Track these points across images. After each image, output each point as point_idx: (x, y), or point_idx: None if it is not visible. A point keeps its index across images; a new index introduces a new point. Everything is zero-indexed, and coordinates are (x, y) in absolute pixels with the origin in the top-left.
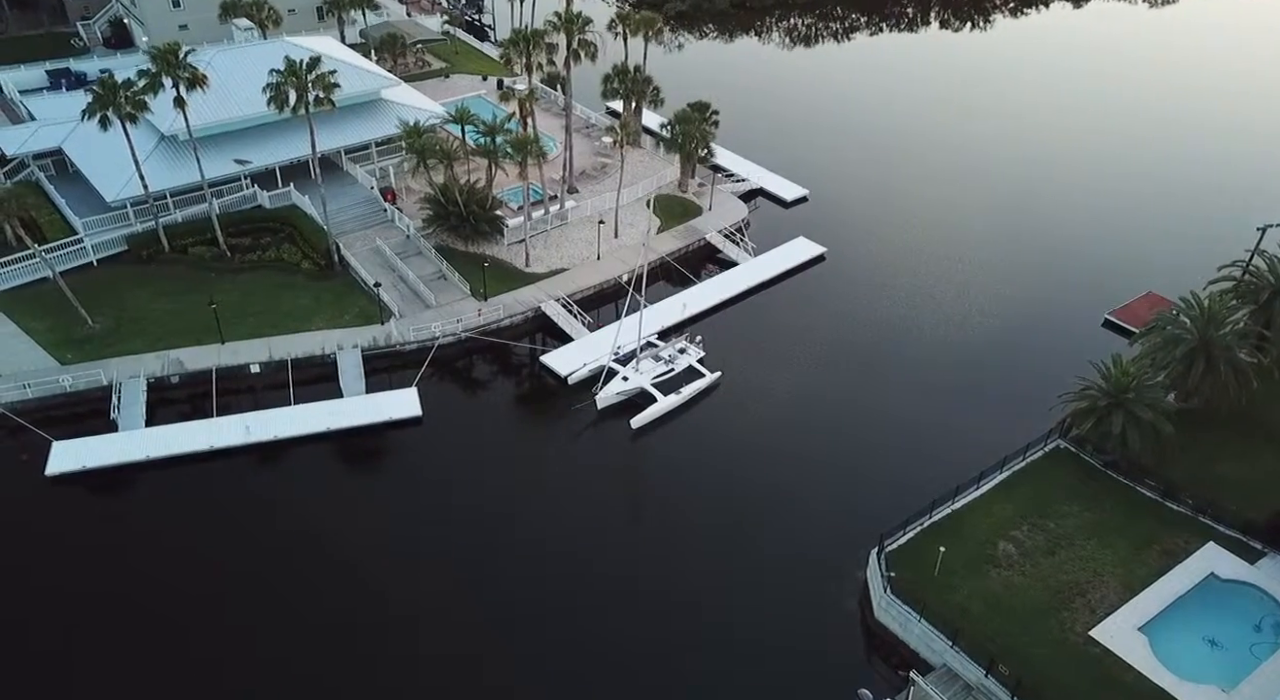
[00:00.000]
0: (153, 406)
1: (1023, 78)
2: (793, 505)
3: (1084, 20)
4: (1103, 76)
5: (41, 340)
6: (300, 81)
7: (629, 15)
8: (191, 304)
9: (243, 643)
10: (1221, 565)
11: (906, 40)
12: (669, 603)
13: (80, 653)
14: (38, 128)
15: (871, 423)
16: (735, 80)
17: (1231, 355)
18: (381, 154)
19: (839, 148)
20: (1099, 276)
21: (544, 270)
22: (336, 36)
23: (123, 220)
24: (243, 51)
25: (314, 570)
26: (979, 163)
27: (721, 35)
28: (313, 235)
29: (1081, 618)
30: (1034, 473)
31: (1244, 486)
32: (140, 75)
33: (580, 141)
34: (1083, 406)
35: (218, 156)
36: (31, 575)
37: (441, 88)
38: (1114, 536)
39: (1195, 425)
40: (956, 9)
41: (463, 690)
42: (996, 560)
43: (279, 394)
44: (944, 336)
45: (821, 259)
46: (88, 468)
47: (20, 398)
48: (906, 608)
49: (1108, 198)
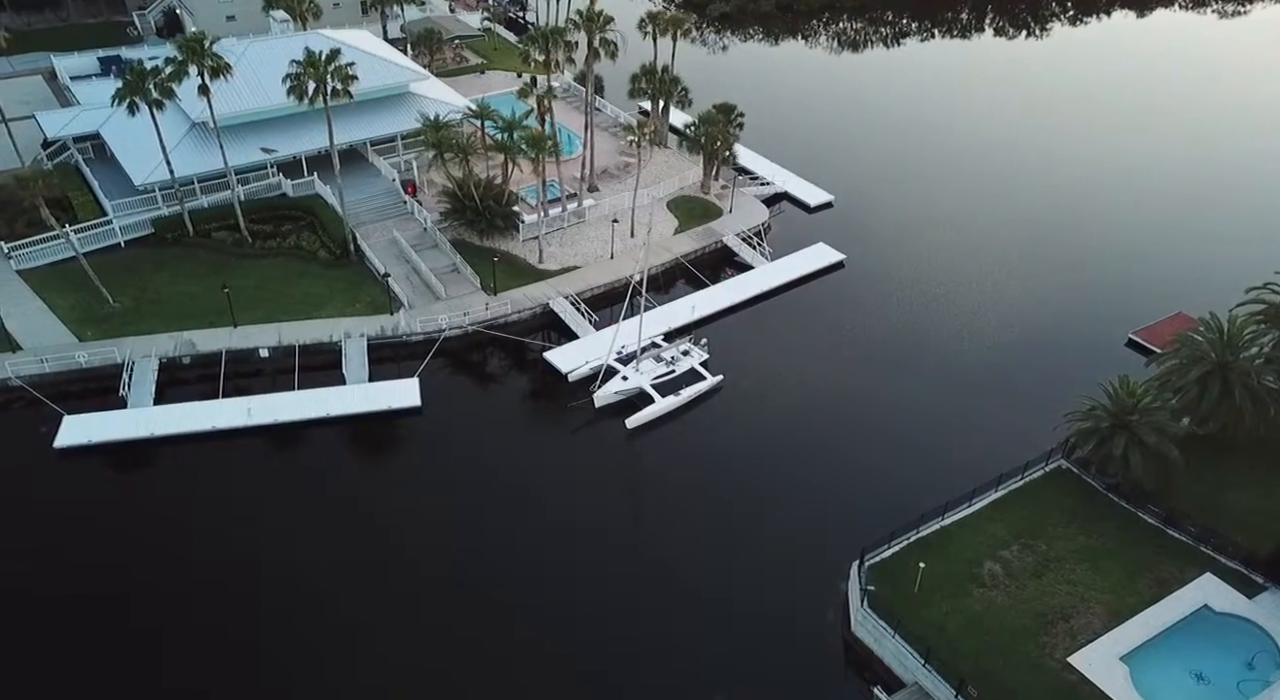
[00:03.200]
0: (163, 385)
1: (1071, 87)
2: (782, 515)
3: (1143, 29)
4: (1153, 87)
5: (64, 317)
6: (319, 72)
7: (658, 15)
8: (209, 287)
9: (229, 614)
10: (1217, 597)
11: (957, 47)
12: (646, 605)
13: (76, 619)
14: (78, 112)
15: (872, 434)
16: (774, 83)
17: (1249, 381)
18: (407, 147)
19: (871, 155)
20: (1129, 293)
21: (556, 267)
22: (379, 31)
23: (150, 204)
24: (277, 43)
25: (304, 550)
26: (1014, 173)
27: (767, 38)
28: (332, 224)
29: (1062, 643)
30: (1032, 492)
31: (1253, 517)
32: (167, 63)
33: (608, 140)
34: (1085, 427)
35: (247, 145)
36: (31, 542)
37: (476, 84)
38: (1107, 562)
39: (1209, 452)
40: (1013, 17)
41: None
42: (981, 579)
43: (285, 378)
44: (957, 350)
45: (840, 266)
46: (94, 442)
47: (38, 371)
48: (881, 623)
49: (1147, 212)
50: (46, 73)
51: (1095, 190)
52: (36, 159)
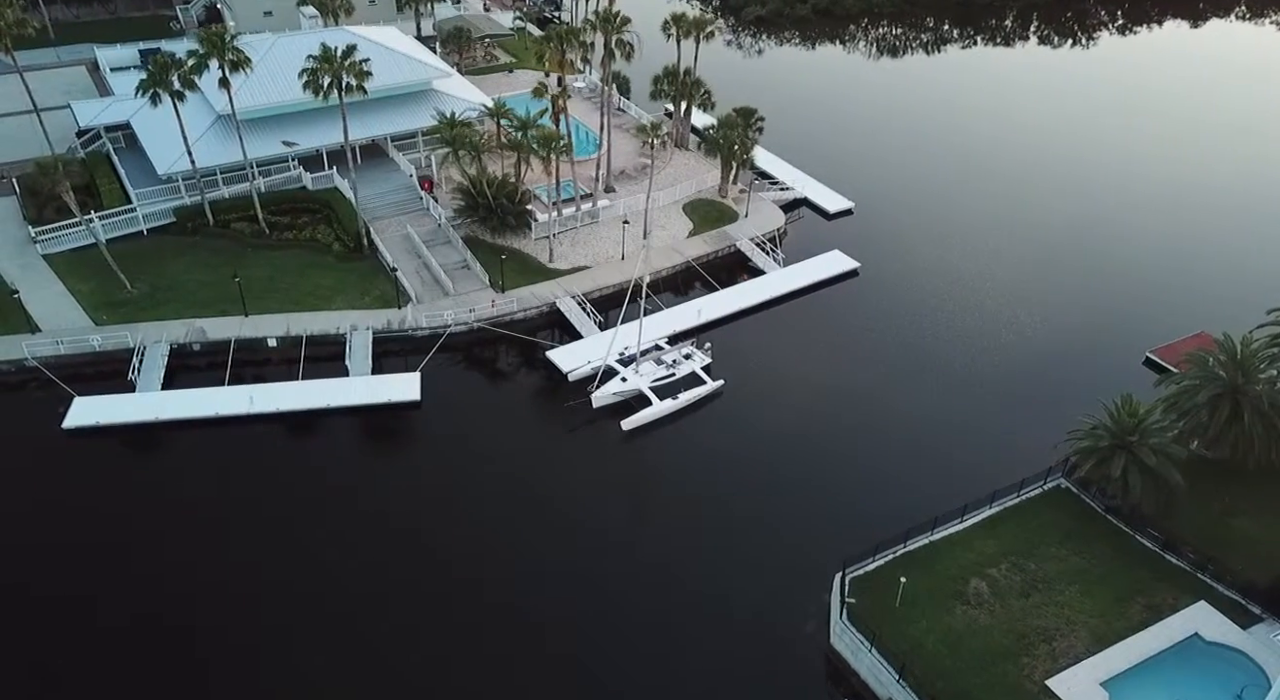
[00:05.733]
0: (172, 371)
1: (1115, 99)
2: (774, 522)
3: (1194, 39)
4: (1201, 99)
5: (83, 301)
6: (334, 68)
7: (681, 17)
8: (225, 276)
9: (219, 595)
10: (1209, 626)
11: (998, 55)
12: (631, 606)
13: (75, 595)
14: (111, 102)
15: (872, 444)
16: (806, 87)
17: (1261, 405)
18: (427, 143)
19: (898, 162)
20: (1154, 310)
21: (566, 267)
22: (413, 28)
23: (174, 193)
24: (303, 39)
25: (297, 537)
26: (1046, 184)
27: (803, 42)
28: (347, 218)
29: (1042, 665)
30: (1027, 510)
31: (1257, 545)
32: (189, 55)
33: (629, 142)
34: (1084, 446)
35: (270, 137)
36: (33, 519)
37: (505, 82)
38: (1097, 585)
39: (1217, 476)
40: (1059, 25)
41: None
42: (966, 597)
43: (290, 369)
44: (967, 364)
45: (854, 274)
46: (101, 424)
47: (54, 353)
48: (859, 636)
49: (1183, 228)
50: (90, 64)
51: (1130, 203)
52: (71, 147)
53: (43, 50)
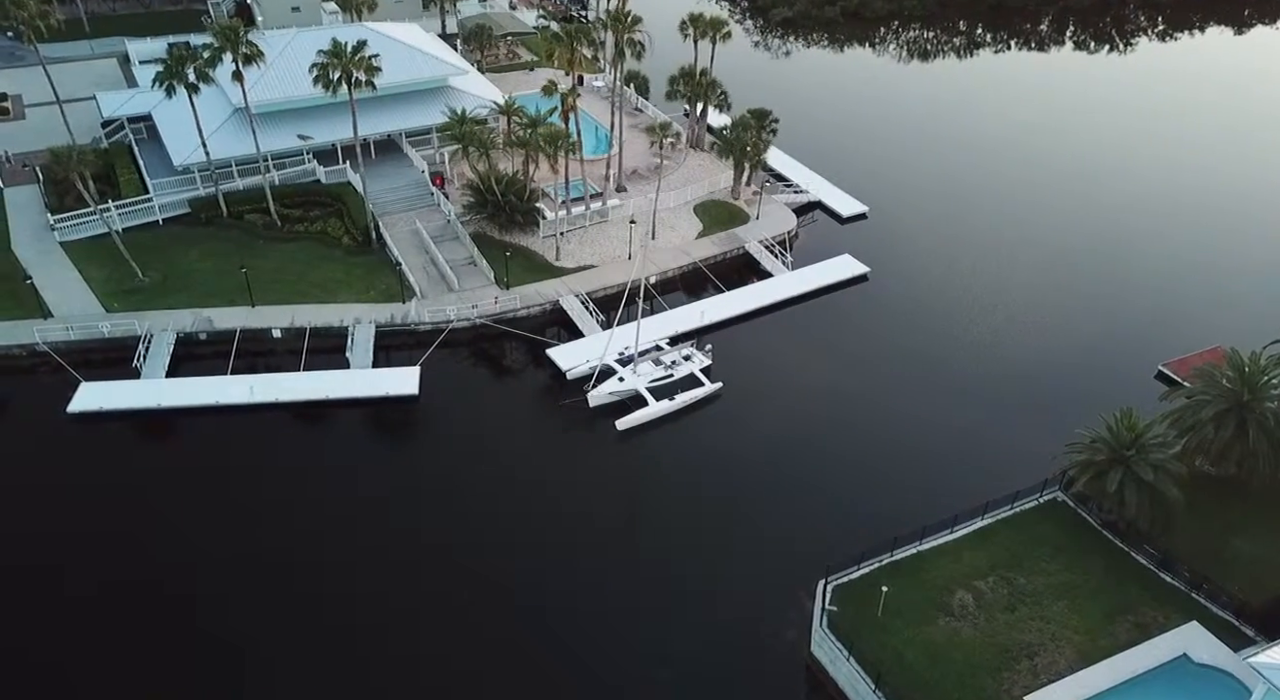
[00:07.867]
0: (178, 360)
1: (1148, 105)
2: (763, 526)
3: (1238, 46)
4: (1238, 107)
5: (96, 288)
6: (343, 63)
7: (699, 17)
8: (235, 266)
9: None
10: (1199, 647)
11: (1030, 60)
12: (610, 607)
13: (72, 573)
14: (134, 93)
15: (868, 452)
16: (830, 90)
17: (1267, 423)
18: (441, 140)
19: (917, 167)
20: (1170, 322)
21: (572, 265)
22: (438, 26)
23: (189, 184)
24: (322, 34)
25: (292, 526)
26: (1068, 191)
27: (831, 45)
28: (358, 212)
29: (1022, 680)
30: (1021, 523)
31: (1256, 565)
32: (204, 49)
33: (644, 141)
34: (1081, 458)
35: (286, 131)
36: (37, 499)
37: (524, 81)
38: (1087, 601)
39: (1221, 493)
40: (1096, 30)
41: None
42: (950, 608)
43: (293, 360)
44: (973, 372)
45: (864, 279)
46: (104, 409)
47: (64, 339)
48: (838, 645)
49: (1203, 240)
50: (121, 57)
51: (1153, 211)
52: (95, 137)
53: (76, 43)
